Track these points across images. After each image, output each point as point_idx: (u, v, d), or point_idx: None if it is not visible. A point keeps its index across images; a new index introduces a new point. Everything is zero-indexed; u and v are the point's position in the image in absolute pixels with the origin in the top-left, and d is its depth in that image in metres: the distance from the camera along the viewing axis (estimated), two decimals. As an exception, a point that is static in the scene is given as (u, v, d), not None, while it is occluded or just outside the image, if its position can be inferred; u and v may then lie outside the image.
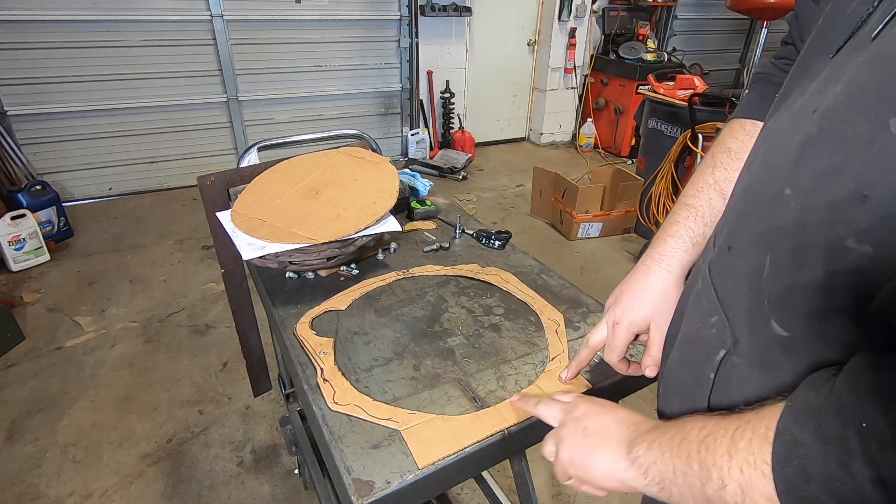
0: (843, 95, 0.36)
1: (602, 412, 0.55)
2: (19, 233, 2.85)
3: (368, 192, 1.08)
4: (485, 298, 0.98)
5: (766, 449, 0.34)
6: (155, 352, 2.32)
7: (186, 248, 3.22)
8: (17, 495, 1.65)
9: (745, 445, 0.36)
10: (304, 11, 3.96)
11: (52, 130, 3.59)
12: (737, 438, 0.37)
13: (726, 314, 0.47)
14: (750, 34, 6.21)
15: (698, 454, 0.40)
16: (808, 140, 0.38)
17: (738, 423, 0.38)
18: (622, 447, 0.49)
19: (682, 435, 0.43)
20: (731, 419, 0.39)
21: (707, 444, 0.39)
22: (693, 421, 0.43)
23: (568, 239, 3.43)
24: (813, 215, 0.36)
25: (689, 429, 0.42)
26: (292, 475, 1.75)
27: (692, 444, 0.41)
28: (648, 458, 0.45)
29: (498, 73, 5.14)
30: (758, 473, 0.35)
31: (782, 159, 0.41)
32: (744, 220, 0.46)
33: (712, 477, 0.38)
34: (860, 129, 0.33)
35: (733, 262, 0.46)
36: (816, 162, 0.37)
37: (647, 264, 0.65)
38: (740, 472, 0.36)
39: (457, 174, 4.44)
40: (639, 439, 0.48)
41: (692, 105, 2.79)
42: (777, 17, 2.80)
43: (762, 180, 0.44)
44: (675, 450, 0.42)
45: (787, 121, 0.44)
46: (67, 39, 3.41)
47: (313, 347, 0.83)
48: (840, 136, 0.35)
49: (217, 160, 4.14)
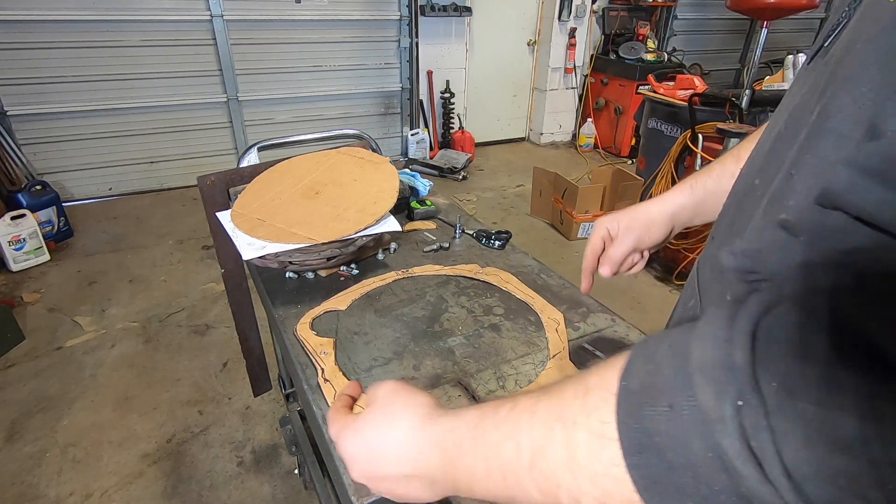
0: (805, 95, 0.40)
1: (400, 389, 0.47)
2: (19, 233, 2.85)
3: (368, 193, 1.08)
4: (485, 298, 0.98)
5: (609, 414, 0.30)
6: (155, 352, 2.32)
7: (186, 248, 3.22)
8: (17, 495, 1.65)
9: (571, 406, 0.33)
10: (304, 11, 3.96)
11: (52, 130, 3.59)
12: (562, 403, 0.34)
13: (700, 297, 0.51)
14: (750, 34, 6.21)
15: (511, 413, 0.36)
16: (778, 136, 0.43)
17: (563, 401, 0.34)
18: (418, 418, 0.42)
19: (494, 405, 0.38)
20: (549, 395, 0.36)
21: (523, 407, 0.36)
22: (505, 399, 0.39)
23: (568, 239, 3.43)
24: (769, 201, 0.39)
25: (499, 403, 0.38)
26: (292, 475, 1.75)
27: (501, 410, 0.37)
28: (446, 424, 0.40)
29: (498, 73, 5.14)
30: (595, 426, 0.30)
31: (758, 156, 0.47)
32: (725, 212, 0.51)
33: (520, 436, 0.34)
34: (805, 121, 0.37)
35: (712, 250, 0.51)
36: (780, 155, 0.40)
37: (645, 201, 0.74)
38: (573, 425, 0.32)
39: (457, 174, 4.44)
40: (439, 410, 0.43)
41: (692, 105, 2.79)
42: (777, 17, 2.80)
43: (742, 175, 0.50)
44: (485, 411, 0.38)
45: (771, 124, 0.49)
46: (67, 39, 3.41)
47: (314, 348, 0.83)
48: (795, 129, 0.39)
49: (217, 160, 4.14)
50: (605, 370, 0.32)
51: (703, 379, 0.26)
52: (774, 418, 0.23)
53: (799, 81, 0.46)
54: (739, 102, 2.76)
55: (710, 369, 0.26)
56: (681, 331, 0.30)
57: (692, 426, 0.26)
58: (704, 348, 0.27)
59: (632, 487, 0.28)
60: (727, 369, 0.25)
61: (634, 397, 0.29)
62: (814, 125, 0.34)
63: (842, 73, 0.33)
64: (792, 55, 3.30)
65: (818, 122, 0.34)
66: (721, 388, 0.24)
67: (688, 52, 5.58)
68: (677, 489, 0.26)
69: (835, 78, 0.34)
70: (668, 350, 0.29)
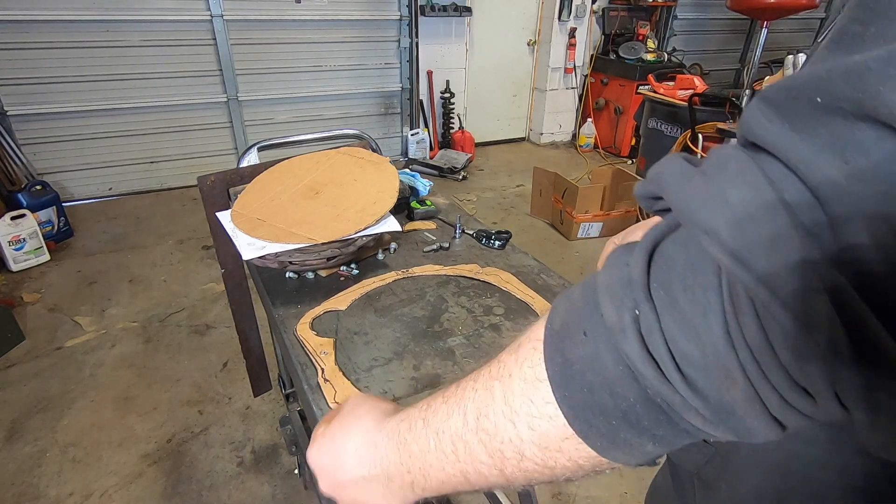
0: None
1: (363, 399, 0.48)
2: (19, 233, 2.85)
3: (368, 193, 1.08)
4: (485, 298, 0.98)
5: (541, 373, 0.31)
6: (155, 352, 2.32)
7: (186, 248, 3.22)
8: (17, 495, 1.65)
9: (518, 385, 0.33)
10: (304, 11, 3.96)
11: (52, 130, 3.59)
12: (504, 375, 0.34)
13: None
14: (750, 34, 6.21)
15: (458, 388, 0.37)
16: None
17: (500, 365, 0.35)
18: (376, 420, 0.43)
19: (444, 387, 0.39)
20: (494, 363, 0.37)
21: (467, 379, 0.37)
22: None
23: (568, 239, 3.43)
24: None
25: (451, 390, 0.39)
26: (292, 475, 1.75)
27: (450, 388, 0.38)
28: (400, 416, 0.41)
29: (498, 73, 5.14)
30: (541, 400, 0.31)
31: None
32: None
33: (464, 403, 0.35)
34: None
35: None
36: None
37: None
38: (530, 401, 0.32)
39: (457, 174, 4.44)
40: (399, 412, 0.43)
41: (692, 105, 2.79)
42: (777, 16, 2.80)
43: None
44: (436, 394, 0.39)
45: None
46: (67, 39, 3.41)
47: (314, 348, 0.83)
48: None
49: (217, 160, 4.14)
50: (535, 325, 0.34)
51: (606, 297, 0.28)
52: (664, 320, 0.25)
53: None
54: (739, 102, 2.76)
55: (612, 288, 0.28)
56: (594, 272, 0.32)
57: (603, 344, 0.28)
58: (609, 272, 0.29)
59: (564, 422, 0.30)
60: (625, 285, 0.27)
61: (557, 335, 0.31)
62: None
63: None
64: (792, 55, 3.30)
65: None
66: (620, 302, 0.27)
67: (688, 52, 5.58)
68: (601, 410, 0.28)
69: None
70: (581, 287, 0.32)
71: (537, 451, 0.32)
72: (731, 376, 0.24)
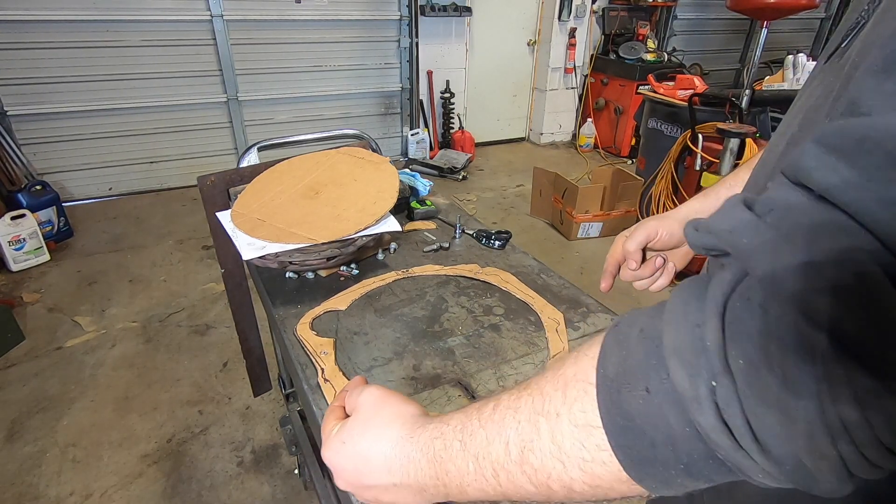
0: (819, 98, 0.39)
1: (386, 398, 0.46)
2: (19, 233, 2.85)
3: (368, 193, 1.08)
4: (485, 298, 0.98)
5: (592, 405, 0.31)
6: (155, 352, 2.32)
7: (186, 248, 3.22)
8: (17, 495, 1.65)
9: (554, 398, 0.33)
10: (304, 11, 3.96)
11: (52, 130, 3.59)
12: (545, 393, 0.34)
13: None
14: (750, 34, 6.21)
15: (495, 412, 0.36)
16: (792, 138, 0.42)
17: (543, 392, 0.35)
18: (406, 429, 0.42)
19: (477, 406, 0.39)
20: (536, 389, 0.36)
21: (506, 405, 0.36)
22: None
23: (568, 239, 3.43)
24: None
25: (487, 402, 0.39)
26: (292, 475, 1.75)
27: (485, 410, 0.38)
28: (433, 431, 0.40)
29: (498, 73, 5.14)
30: (593, 444, 0.31)
31: (772, 157, 0.45)
32: None
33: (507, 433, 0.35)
34: (819, 123, 0.36)
35: None
36: None
37: (666, 214, 0.72)
38: (581, 446, 0.32)
39: (457, 174, 4.44)
40: (426, 419, 0.43)
41: (692, 105, 2.79)
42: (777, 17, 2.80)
43: (755, 176, 0.48)
44: (470, 413, 0.38)
45: (784, 125, 0.47)
46: (67, 39, 3.41)
47: (314, 348, 0.83)
48: (809, 131, 0.38)
49: (217, 160, 4.13)
50: (580, 360, 0.34)
51: (677, 363, 0.27)
52: (744, 394, 0.25)
53: (813, 82, 0.45)
54: (739, 102, 2.76)
55: (684, 353, 0.27)
56: (649, 315, 0.31)
57: (670, 407, 0.28)
58: (676, 332, 0.28)
59: (619, 467, 0.30)
60: (699, 353, 0.26)
61: (612, 383, 0.31)
62: None
63: (857, 75, 0.33)
64: (792, 55, 3.30)
65: None
66: (695, 371, 0.26)
67: (688, 52, 5.59)
68: (661, 462, 0.29)
69: (850, 80, 0.34)
70: (639, 335, 0.31)
71: (587, 489, 0.32)
72: (820, 452, 0.23)
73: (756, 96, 2.83)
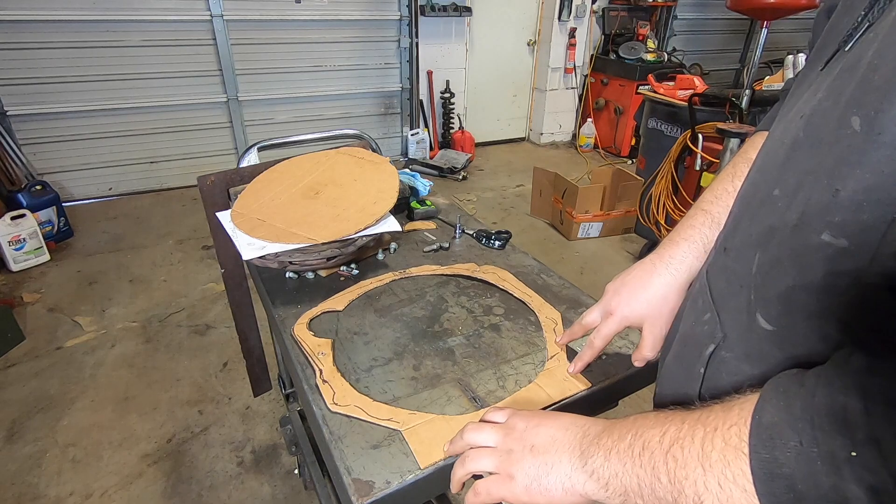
0: (823, 101, 0.39)
1: (544, 422, 0.50)
2: (19, 233, 2.85)
3: (368, 193, 1.08)
4: (485, 298, 0.98)
5: (742, 461, 0.34)
6: (155, 352, 2.32)
7: (186, 248, 3.22)
8: (17, 495, 1.65)
9: (718, 457, 0.35)
10: (304, 11, 3.97)
11: (52, 130, 3.60)
12: (707, 449, 0.36)
13: (717, 311, 0.48)
14: (750, 34, 6.21)
15: (666, 465, 0.38)
16: (795, 143, 0.41)
17: (705, 430, 0.37)
18: (575, 458, 0.46)
19: (641, 442, 0.41)
20: (693, 423, 0.38)
21: (674, 454, 0.38)
22: (649, 422, 0.42)
23: (568, 239, 3.43)
24: (796, 213, 0.38)
25: (650, 436, 0.41)
26: (292, 475, 1.75)
27: (656, 454, 0.39)
28: (609, 470, 0.43)
29: (498, 73, 5.15)
30: (738, 489, 0.33)
31: (773, 163, 0.44)
32: (738, 223, 0.48)
33: (685, 492, 0.36)
34: (831, 129, 0.36)
35: (727, 263, 0.48)
36: (800, 163, 0.39)
37: (655, 263, 0.65)
38: (719, 486, 0.35)
39: (457, 174, 4.44)
40: (592, 448, 0.45)
41: (692, 105, 2.79)
42: (777, 17, 2.80)
43: (755, 184, 0.47)
44: (638, 460, 0.41)
45: (781, 129, 0.46)
46: (67, 39, 3.41)
47: (311, 349, 0.83)
48: (817, 137, 0.38)
49: (217, 160, 4.14)
50: (746, 403, 0.37)
51: (828, 424, 0.30)
52: (889, 462, 0.27)
53: (811, 86, 0.44)
54: (739, 102, 2.76)
55: (833, 416, 0.30)
56: (812, 374, 0.34)
57: (820, 466, 0.30)
58: (827, 394, 0.31)
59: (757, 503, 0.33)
60: (845, 422, 0.29)
61: (766, 430, 0.33)
62: (855, 137, 0.33)
63: (880, 81, 0.32)
64: (792, 55, 3.30)
65: (865, 134, 0.32)
66: (843, 440, 0.29)
67: (688, 52, 5.58)
68: None
69: (870, 87, 0.33)
70: (798, 389, 0.34)
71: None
72: None
73: (756, 96, 2.83)
